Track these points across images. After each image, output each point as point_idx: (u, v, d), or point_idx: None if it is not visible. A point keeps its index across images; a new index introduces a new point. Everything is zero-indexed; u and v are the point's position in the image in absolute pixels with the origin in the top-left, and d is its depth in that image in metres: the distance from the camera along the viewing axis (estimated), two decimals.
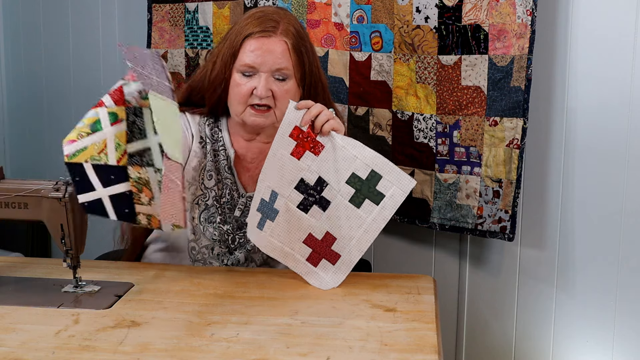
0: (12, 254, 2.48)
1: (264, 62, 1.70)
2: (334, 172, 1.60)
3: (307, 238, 1.63)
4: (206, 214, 1.79)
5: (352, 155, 1.60)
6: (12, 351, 1.27)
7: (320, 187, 1.61)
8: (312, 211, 1.62)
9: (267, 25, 1.72)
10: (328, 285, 1.62)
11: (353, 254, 1.62)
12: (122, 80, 1.40)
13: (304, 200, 1.61)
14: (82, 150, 1.37)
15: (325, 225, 1.62)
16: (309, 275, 1.64)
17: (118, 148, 1.37)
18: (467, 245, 2.23)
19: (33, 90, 2.95)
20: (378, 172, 1.59)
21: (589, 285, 2.02)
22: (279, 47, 1.71)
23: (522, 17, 1.89)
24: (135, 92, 1.38)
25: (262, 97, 1.70)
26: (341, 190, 1.60)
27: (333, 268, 1.63)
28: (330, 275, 1.63)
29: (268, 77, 1.71)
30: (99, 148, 1.37)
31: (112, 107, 1.38)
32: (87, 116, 1.40)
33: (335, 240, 1.62)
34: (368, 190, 1.59)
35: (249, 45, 1.71)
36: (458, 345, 2.29)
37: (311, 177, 1.61)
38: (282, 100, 1.72)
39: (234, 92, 1.73)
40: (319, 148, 1.60)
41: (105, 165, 1.38)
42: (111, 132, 1.38)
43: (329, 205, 1.61)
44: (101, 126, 1.38)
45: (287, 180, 1.61)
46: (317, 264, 1.63)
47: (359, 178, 1.59)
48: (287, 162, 1.60)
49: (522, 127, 1.93)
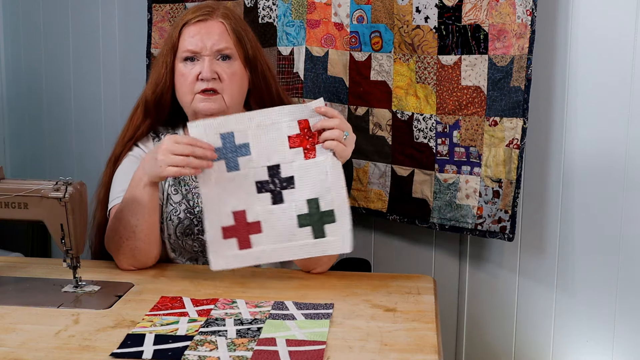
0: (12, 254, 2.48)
1: (204, 45, 1.70)
2: (305, 184, 1.59)
3: (239, 212, 1.59)
4: (181, 228, 1.77)
5: (328, 185, 1.58)
6: (12, 351, 1.27)
7: (286, 185, 1.59)
8: (263, 196, 1.59)
9: (203, 11, 1.74)
10: (216, 264, 1.58)
11: (261, 255, 1.59)
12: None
13: (265, 182, 1.59)
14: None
15: (262, 215, 1.59)
16: (212, 244, 1.58)
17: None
18: (467, 245, 2.23)
19: (33, 90, 2.95)
20: (335, 216, 1.59)
21: (589, 285, 2.02)
22: (217, 28, 1.72)
23: (522, 17, 1.89)
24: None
25: (207, 79, 1.69)
26: (297, 202, 1.59)
27: (234, 252, 1.59)
28: (226, 256, 1.58)
29: (211, 60, 1.70)
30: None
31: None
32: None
33: (260, 233, 1.59)
34: (317, 221, 1.59)
35: (188, 32, 1.72)
36: (458, 345, 2.29)
37: (287, 171, 1.59)
38: (229, 84, 1.72)
39: (180, 82, 1.73)
40: (311, 155, 1.58)
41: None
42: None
43: (280, 204, 1.59)
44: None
45: (265, 151, 1.57)
46: (227, 238, 1.59)
47: (318, 206, 1.59)
48: (276, 134, 1.57)
49: (522, 127, 1.93)
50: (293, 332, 1.35)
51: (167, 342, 1.31)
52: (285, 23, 2.28)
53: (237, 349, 1.28)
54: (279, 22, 2.29)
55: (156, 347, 1.29)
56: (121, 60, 2.69)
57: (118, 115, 2.62)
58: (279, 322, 1.40)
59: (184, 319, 1.42)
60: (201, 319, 1.42)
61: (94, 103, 2.77)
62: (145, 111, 1.80)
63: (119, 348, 1.29)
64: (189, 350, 1.28)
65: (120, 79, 2.69)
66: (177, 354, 1.27)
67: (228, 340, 1.32)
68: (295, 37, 2.28)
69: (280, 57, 2.30)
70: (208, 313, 1.44)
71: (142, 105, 1.80)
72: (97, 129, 2.73)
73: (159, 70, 1.76)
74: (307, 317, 1.43)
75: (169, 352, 1.27)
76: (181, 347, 1.29)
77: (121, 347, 1.29)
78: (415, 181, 2.14)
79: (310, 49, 2.26)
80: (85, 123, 2.81)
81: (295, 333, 1.35)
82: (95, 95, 2.77)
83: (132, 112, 1.83)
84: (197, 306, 1.48)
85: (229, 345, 1.30)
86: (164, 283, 1.63)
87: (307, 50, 2.27)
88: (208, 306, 1.48)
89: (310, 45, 2.26)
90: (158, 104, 1.78)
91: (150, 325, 1.39)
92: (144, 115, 1.80)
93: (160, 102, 1.78)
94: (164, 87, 1.76)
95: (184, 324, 1.39)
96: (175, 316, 1.43)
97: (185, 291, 1.57)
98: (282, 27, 2.29)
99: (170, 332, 1.35)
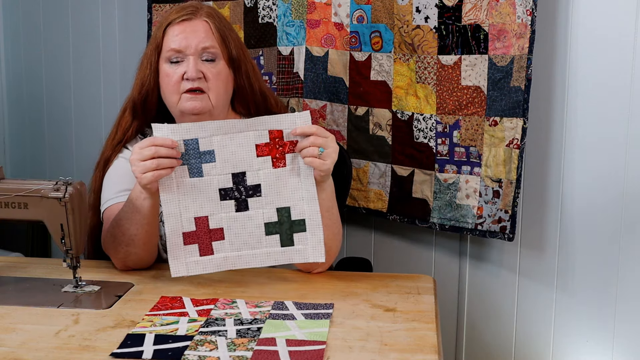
0: (12, 254, 2.48)
1: (189, 44, 1.69)
2: (274, 192, 1.58)
3: (201, 218, 1.57)
4: None
5: (301, 195, 1.58)
6: (12, 351, 1.27)
7: (252, 192, 1.58)
8: (227, 203, 1.58)
9: (187, 10, 1.74)
10: (175, 271, 1.56)
11: (224, 263, 1.58)
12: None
13: (229, 189, 1.57)
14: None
15: (225, 222, 1.58)
16: (172, 250, 1.56)
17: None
18: (467, 245, 2.23)
19: (33, 90, 2.95)
20: (306, 225, 1.58)
21: (588, 285, 2.02)
22: (201, 27, 1.71)
23: (522, 17, 1.89)
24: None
25: (193, 78, 1.68)
26: (266, 210, 1.58)
27: (195, 259, 1.57)
28: (187, 263, 1.57)
29: (196, 59, 1.70)
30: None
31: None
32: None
33: (222, 240, 1.58)
34: (287, 229, 1.58)
35: (172, 32, 1.71)
36: (458, 345, 2.29)
37: (252, 179, 1.57)
38: (214, 83, 1.71)
39: (165, 83, 1.72)
40: (281, 164, 1.57)
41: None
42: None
43: (245, 211, 1.58)
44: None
45: (231, 157, 1.56)
46: (187, 244, 1.56)
47: (289, 215, 1.58)
48: (243, 141, 1.56)
49: (522, 127, 1.93)
50: (293, 332, 1.35)
51: (167, 342, 1.31)
52: (285, 23, 2.28)
53: (237, 349, 1.28)
54: (279, 22, 2.29)
55: (156, 347, 1.29)
56: (121, 60, 2.69)
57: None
58: (279, 322, 1.40)
59: (184, 319, 1.42)
60: (201, 319, 1.42)
61: (94, 103, 2.77)
62: (133, 113, 1.80)
63: (119, 348, 1.29)
64: (189, 350, 1.28)
65: (120, 79, 2.69)
66: (177, 354, 1.26)
67: (228, 340, 1.32)
68: (295, 37, 2.28)
69: (280, 57, 2.30)
70: (208, 313, 1.44)
71: (130, 107, 1.80)
72: (97, 129, 2.72)
73: (144, 70, 1.75)
74: (307, 317, 1.43)
75: (169, 352, 1.27)
76: (181, 347, 1.29)
77: (121, 347, 1.29)
78: (415, 181, 2.14)
79: (310, 48, 2.26)
80: (85, 123, 2.81)
81: (295, 333, 1.35)
82: (95, 95, 2.77)
83: (120, 115, 1.83)
84: (197, 306, 1.48)
85: (229, 345, 1.30)
86: (164, 283, 1.62)
87: (307, 50, 2.27)
88: (208, 306, 1.48)
89: (310, 45, 2.26)
90: (144, 104, 1.77)
91: (150, 325, 1.39)
92: (132, 117, 1.80)
93: (146, 103, 1.77)
94: (149, 87, 1.75)
95: (184, 324, 1.39)
96: (175, 316, 1.43)
97: (185, 291, 1.57)
98: (282, 27, 2.29)
99: (170, 332, 1.35)
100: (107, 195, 1.76)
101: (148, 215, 1.60)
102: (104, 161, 1.81)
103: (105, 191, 1.77)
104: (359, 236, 2.41)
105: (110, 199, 1.74)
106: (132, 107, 1.79)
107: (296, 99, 2.31)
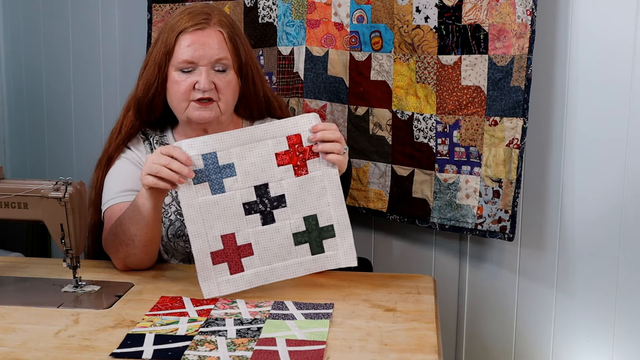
0: (12, 254, 2.48)
1: (202, 55, 1.68)
2: (299, 201, 1.56)
3: (228, 236, 1.54)
4: (173, 230, 1.77)
5: (327, 200, 1.56)
6: (12, 351, 1.27)
7: (276, 204, 1.55)
8: (252, 217, 1.55)
9: (200, 18, 1.71)
10: (208, 292, 1.53)
11: (255, 279, 1.55)
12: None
13: (253, 203, 1.54)
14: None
15: (253, 236, 1.55)
16: (202, 271, 1.53)
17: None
18: (467, 245, 2.23)
19: (33, 90, 2.95)
20: (335, 231, 1.57)
21: (588, 285, 2.02)
22: (215, 38, 1.70)
23: (522, 17, 1.89)
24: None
25: (205, 90, 1.67)
26: (292, 221, 1.56)
27: (226, 278, 1.54)
28: (218, 282, 1.54)
29: (208, 70, 1.69)
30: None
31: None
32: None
33: (251, 255, 1.55)
34: (316, 237, 1.56)
35: (184, 41, 1.69)
36: (458, 345, 2.29)
37: (276, 190, 1.55)
38: (225, 93, 1.71)
39: (174, 90, 1.71)
40: (303, 171, 1.55)
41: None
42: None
43: (272, 224, 1.55)
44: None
45: (252, 169, 1.53)
46: (216, 263, 1.53)
47: (316, 222, 1.56)
48: (262, 151, 1.53)
49: (522, 127, 1.93)
50: (293, 332, 1.35)
51: (167, 342, 1.31)
52: (285, 23, 2.28)
53: (237, 349, 1.28)
54: (279, 22, 2.29)
55: (156, 347, 1.29)
56: (121, 60, 2.69)
57: (118, 115, 2.62)
58: (279, 322, 1.40)
59: (184, 318, 1.42)
60: (201, 318, 1.42)
61: (94, 103, 2.77)
62: (137, 112, 1.79)
63: (119, 348, 1.29)
64: (189, 350, 1.28)
65: (120, 79, 2.68)
66: (177, 354, 1.27)
67: (228, 340, 1.32)
68: (295, 37, 2.28)
69: (280, 57, 2.30)
70: (208, 313, 1.45)
71: (134, 106, 1.79)
72: (97, 129, 2.72)
73: (151, 73, 1.73)
74: (307, 317, 1.43)
75: (168, 352, 1.27)
76: (181, 347, 1.29)
77: (121, 347, 1.29)
78: (415, 181, 2.14)
79: (310, 48, 2.26)
80: (85, 123, 2.80)
81: (295, 333, 1.35)
82: (95, 95, 2.77)
83: (123, 113, 1.82)
84: (197, 306, 1.48)
85: (229, 345, 1.30)
86: (164, 283, 1.62)
87: (307, 50, 2.27)
88: (208, 306, 1.48)
89: (310, 45, 2.26)
90: (149, 106, 1.77)
91: (150, 325, 1.39)
92: (135, 117, 1.80)
93: (151, 105, 1.77)
94: (156, 91, 1.74)
95: (184, 323, 1.39)
96: (175, 316, 1.43)
97: (185, 291, 1.57)
98: (282, 27, 2.29)
99: (170, 332, 1.35)
100: (109, 195, 1.76)
101: (147, 217, 1.59)
102: (107, 159, 1.81)
103: (106, 191, 1.77)
104: (359, 236, 2.40)
105: (111, 199, 1.74)
106: (136, 108, 1.79)
107: (296, 99, 2.31)
